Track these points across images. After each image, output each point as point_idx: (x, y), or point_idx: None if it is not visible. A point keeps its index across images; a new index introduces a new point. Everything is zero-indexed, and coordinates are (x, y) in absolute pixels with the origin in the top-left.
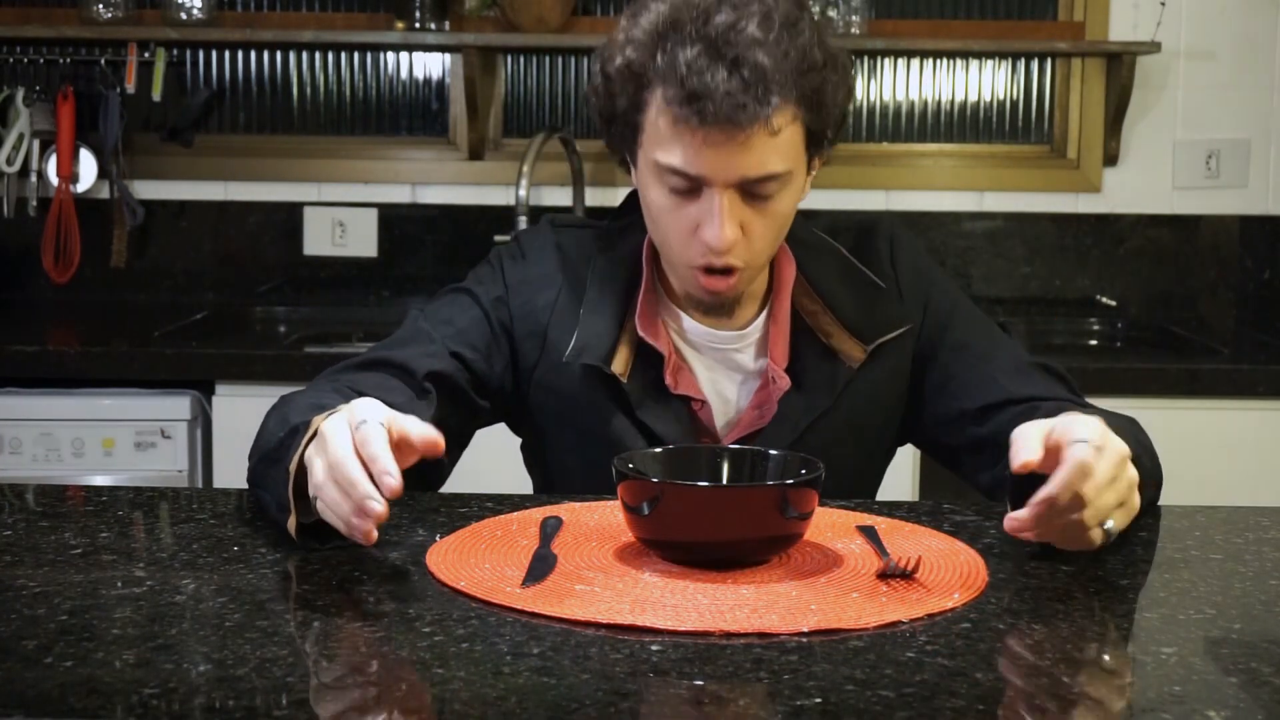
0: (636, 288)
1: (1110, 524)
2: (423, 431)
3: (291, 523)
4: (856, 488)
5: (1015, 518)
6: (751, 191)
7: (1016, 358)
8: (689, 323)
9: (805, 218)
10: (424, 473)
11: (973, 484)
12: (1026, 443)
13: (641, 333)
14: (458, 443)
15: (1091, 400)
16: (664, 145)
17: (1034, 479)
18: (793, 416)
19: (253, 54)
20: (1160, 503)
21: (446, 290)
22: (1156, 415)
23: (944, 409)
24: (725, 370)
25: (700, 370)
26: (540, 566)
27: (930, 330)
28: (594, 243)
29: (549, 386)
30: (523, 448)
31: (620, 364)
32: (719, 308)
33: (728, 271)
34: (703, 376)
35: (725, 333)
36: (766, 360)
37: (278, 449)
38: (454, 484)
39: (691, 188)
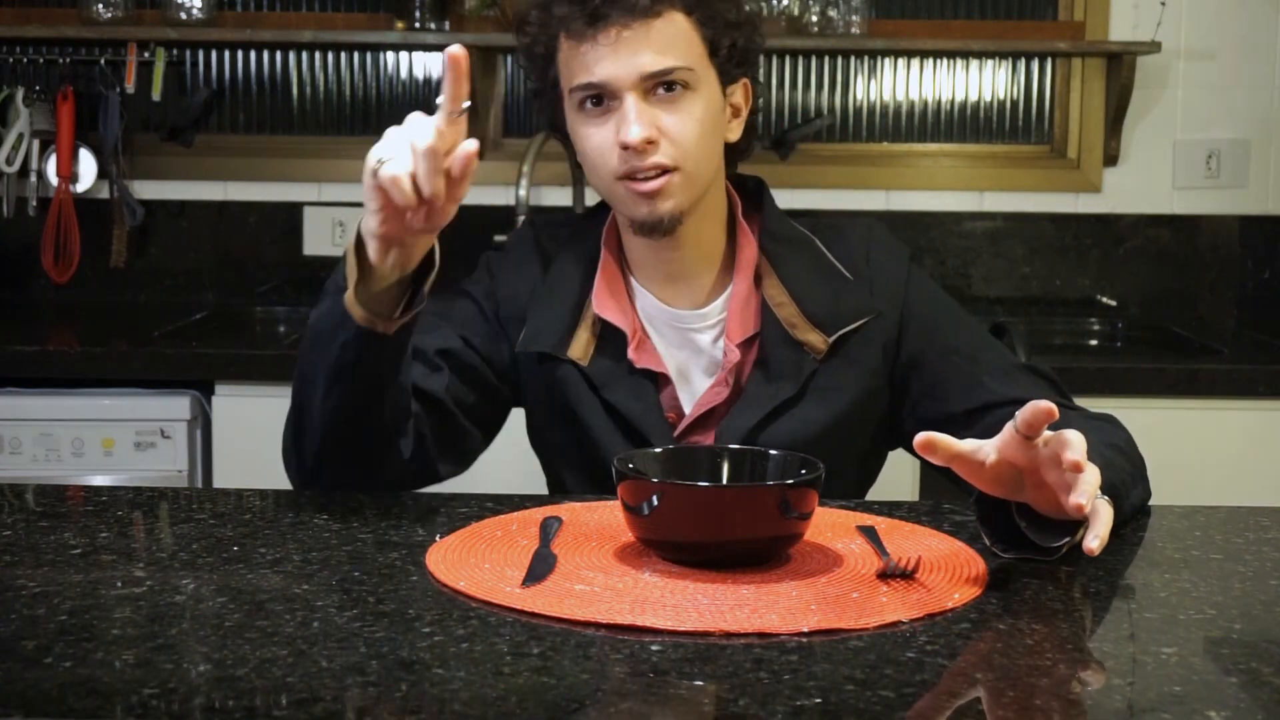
0: (593, 273)
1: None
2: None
3: (350, 293)
4: (828, 485)
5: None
6: (659, 91)
7: (1003, 360)
8: (651, 300)
9: (791, 216)
10: (459, 451)
11: (963, 487)
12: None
13: (598, 310)
14: (479, 422)
15: (1090, 401)
16: (572, 70)
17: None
18: (758, 400)
19: (253, 54)
20: (1160, 503)
21: (444, 294)
22: (1156, 415)
23: (931, 413)
24: (687, 349)
25: (661, 347)
26: (540, 566)
27: (915, 334)
28: (567, 236)
29: (528, 370)
30: (527, 429)
31: (579, 347)
32: (659, 222)
33: (657, 177)
34: (665, 354)
35: (686, 311)
36: (724, 340)
37: (321, 294)
38: (454, 484)
39: (604, 103)
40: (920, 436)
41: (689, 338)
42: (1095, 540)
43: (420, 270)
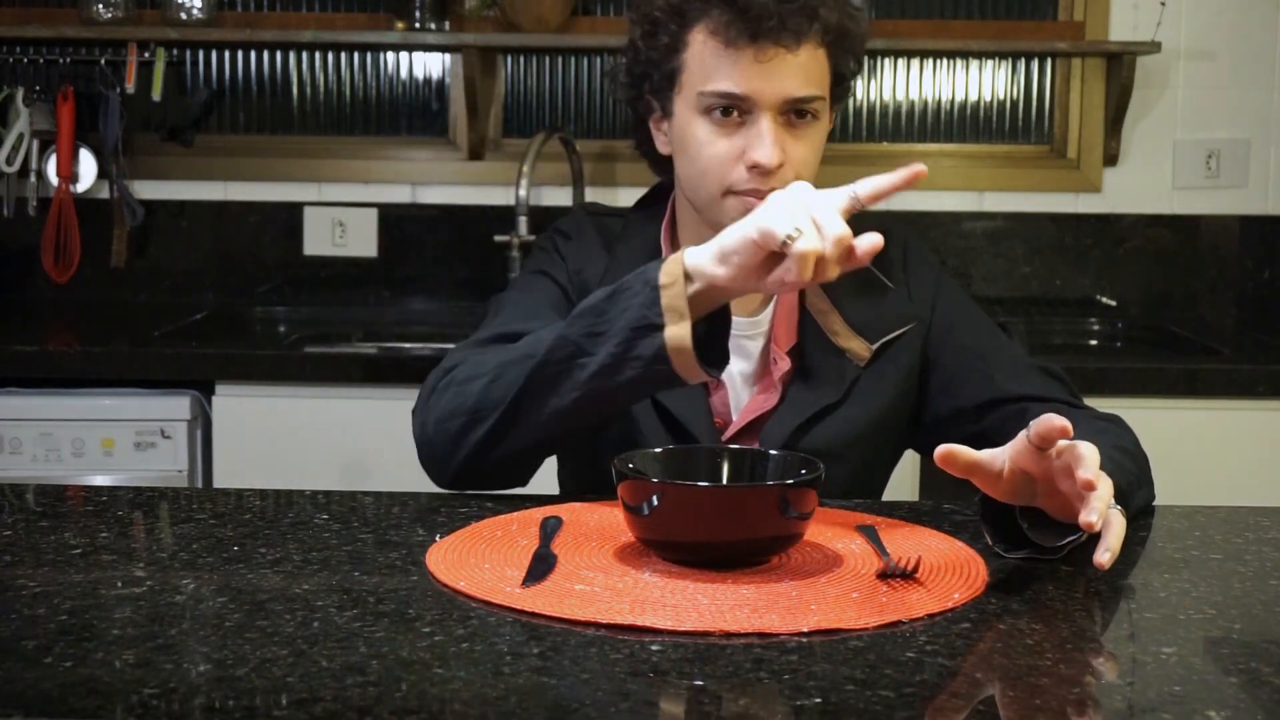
0: None
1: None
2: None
3: (676, 332)
4: (863, 486)
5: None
6: (792, 116)
7: (1015, 358)
8: None
9: None
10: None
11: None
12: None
13: None
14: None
15: (1091, 401)
16: (710, 74)
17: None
18: (801, 405)
19: (253, 54)
20: (1160, 503)
21: (517, 280)
22: (1156, 415)
23: (943, 408)
24: (736, 355)
25: None
26: (540, 566)
27: (937, 333)
28: (620, 229)
29: None
30: None
31: None
32: None
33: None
34: None
35: (739, 318)
36: (773, 347)
37: (588, 314)
38: None
39: (737, 114)
40: (940, 449)
41: (739, 344)
42: (1106, 554)
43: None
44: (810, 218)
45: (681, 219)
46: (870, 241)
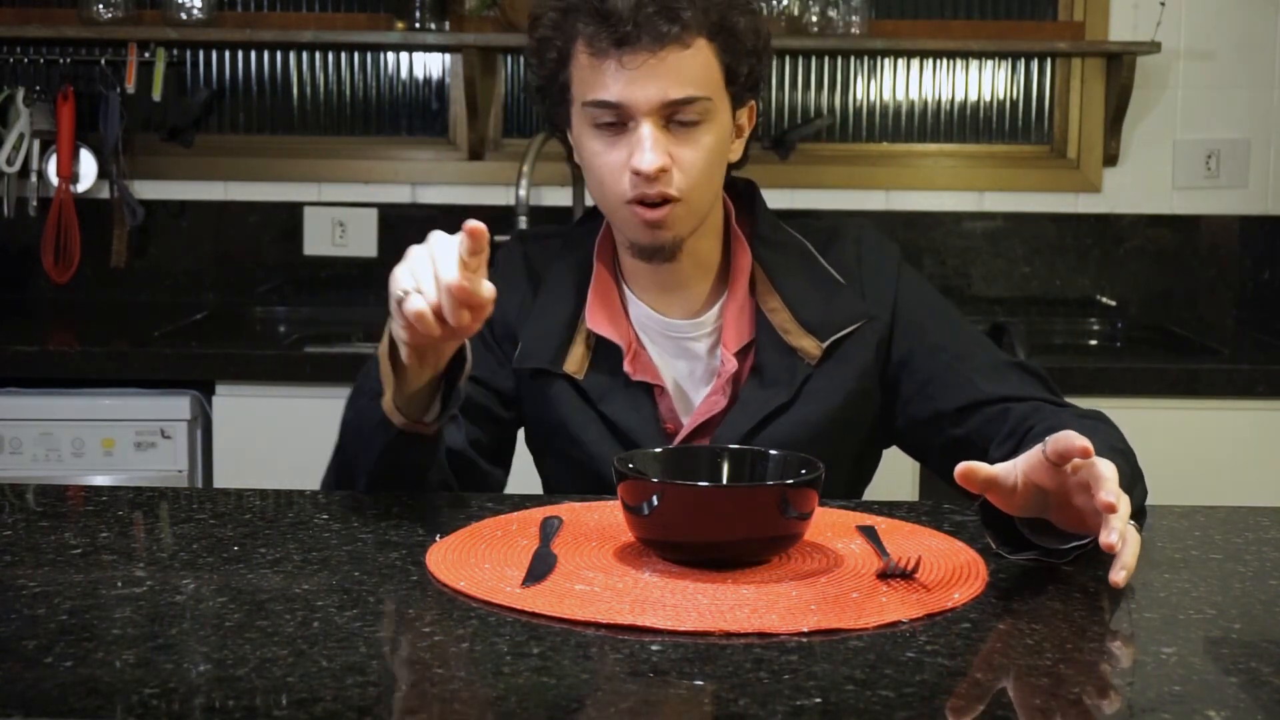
0: (586, 287)
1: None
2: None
3: (388, 398)
4: (827, 484)
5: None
6: (675, 119)
7: (992, 357)
8: (645, 310)
9: (779, 217)
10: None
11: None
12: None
13: (591, 325)
14: (496, 458)
15: (1091, 401)
16: (588, 84)
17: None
18: (751, 406)
19: (253, 54)
20: (1160, 503)
21: None
22: (1156, 415)
23: (922, 411)
24: (682, 359)
25: (657, 358)
26: (540, 566)
27: (904, 332)
28: (559, 249)
29: (523, 387)
30: (526, 442)
31: (574, 361)
32: (660, 250)
33: (662, 203)
34: (661, 364)
35: (681, 321)
36: (720, 349)
37: (357, 392)
38: None
39: (619, 123)
40: (961, 467)
41: (685, 347)
42: (1123, 572)
43: (452, 364)
44: (431, 270)
45: (613, 228)
46: (488, 291)
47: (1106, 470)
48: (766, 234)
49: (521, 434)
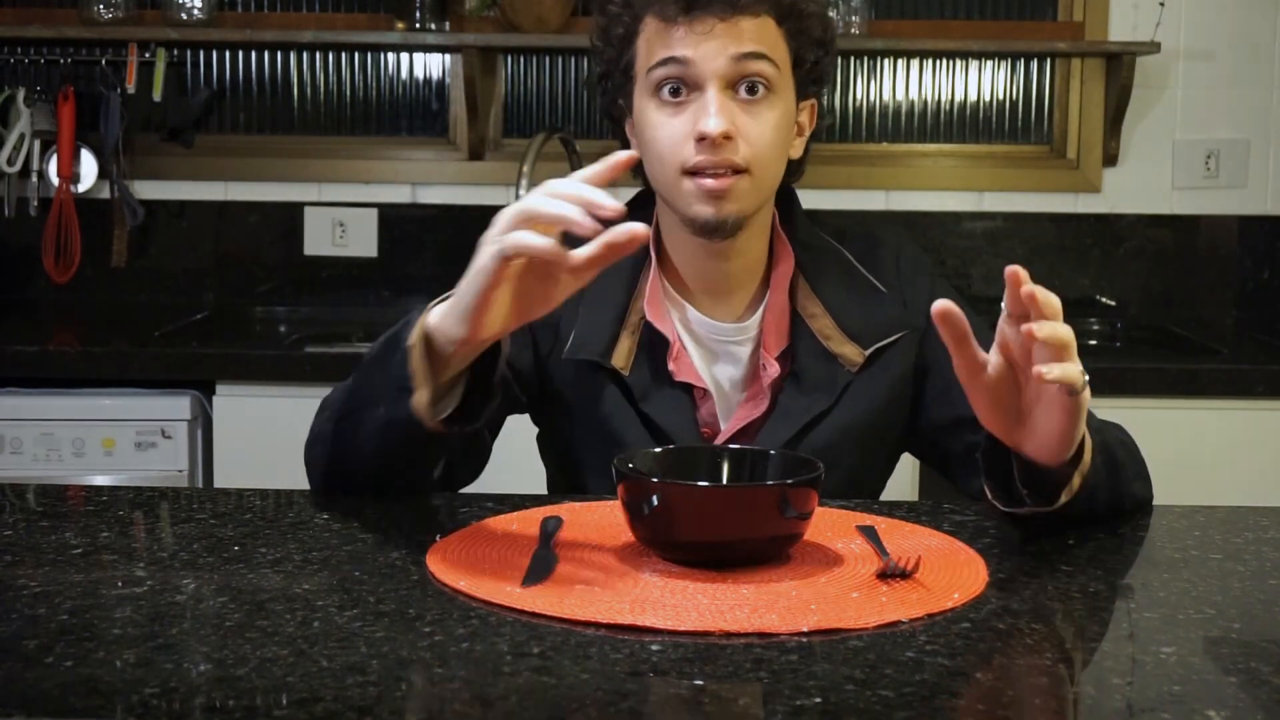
0: (639, 278)
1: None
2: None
3: (422, 397)
4: (856, 490)
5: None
6: (741, 85)
7: None
8: (691, 312)
9: (812, 221)
10: (477, 464)
11: (965, 490)
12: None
13: (649, 316)
14: (494, 431)
15: (1091, 401)
16: (654, 50)
17: (1004, 453)
18: (793, 413)
19: (253, 54)
20: (1160, 503)
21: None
22: (1156, 415)
23: (943, 416)
24: (724, 363)
25: (699, 361)
26: (540, 566)
27: (934, 339)
28: None
29: (560, 378)
30: (538, 438)
31: (621, 356)
32: (721, 225)
33: (726, 175)
34: (702, 367)
35: (725, 324)
36: (762, 353)
37: (377, 358)
38: None
39: (685, 90)
40: (941, 304)
41: (727, 351)
42: (1055, 370)
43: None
44: (565, 188)
45: (663, 223)
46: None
47: (1050, 301)
48: (805, 239)
49: (528, 429)
